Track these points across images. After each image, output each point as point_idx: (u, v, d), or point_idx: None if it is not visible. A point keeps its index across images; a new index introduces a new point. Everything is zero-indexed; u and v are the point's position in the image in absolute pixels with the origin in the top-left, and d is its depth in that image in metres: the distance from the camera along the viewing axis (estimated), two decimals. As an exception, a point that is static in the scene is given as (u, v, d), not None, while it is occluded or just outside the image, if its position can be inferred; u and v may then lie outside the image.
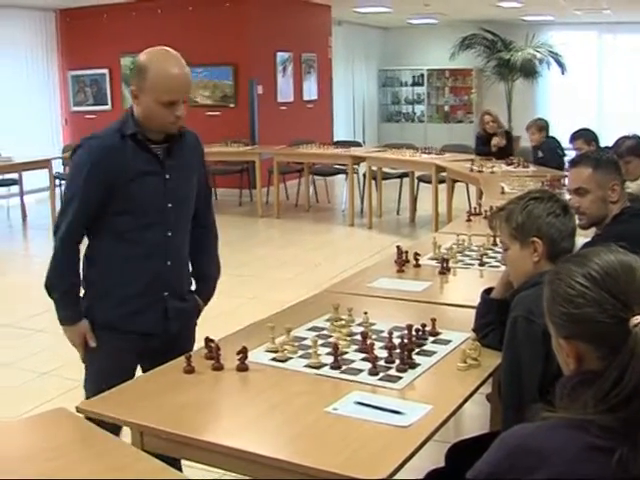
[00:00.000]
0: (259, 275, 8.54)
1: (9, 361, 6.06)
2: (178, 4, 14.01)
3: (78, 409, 2.62)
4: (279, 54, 14.60)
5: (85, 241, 3.24)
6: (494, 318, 3.04)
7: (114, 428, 2.58)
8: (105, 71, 15.07)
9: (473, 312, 3.20)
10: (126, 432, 2.64)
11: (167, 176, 3.16)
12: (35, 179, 12.54)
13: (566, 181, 5.33)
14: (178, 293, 3.34)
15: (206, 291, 3.58)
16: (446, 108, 21.99)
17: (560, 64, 19.15)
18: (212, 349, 2.98)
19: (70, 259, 3.16)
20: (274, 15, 14.14)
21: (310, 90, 15.92)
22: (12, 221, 12.49)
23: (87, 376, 3.30)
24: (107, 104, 15.14)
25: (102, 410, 2.59)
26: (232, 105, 13.98)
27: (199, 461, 2.55)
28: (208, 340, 3.04)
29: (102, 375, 3.11)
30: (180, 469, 2.86)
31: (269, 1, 14.04)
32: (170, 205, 3.18)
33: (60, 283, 3.14)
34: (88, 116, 15.26)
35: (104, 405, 2.64)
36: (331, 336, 3.22)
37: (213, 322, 3.85)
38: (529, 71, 19.17)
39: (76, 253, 3.17)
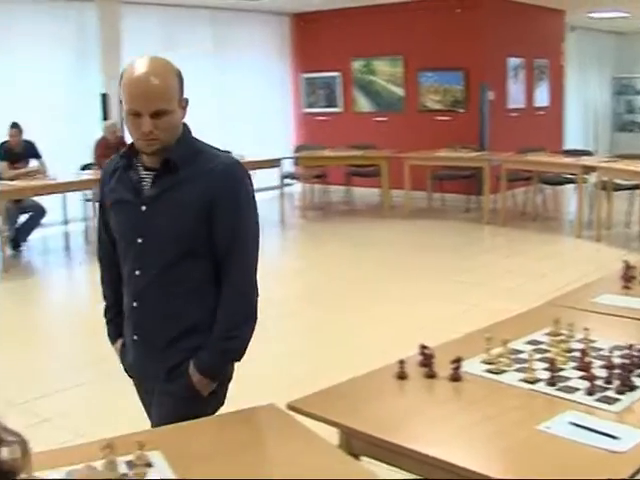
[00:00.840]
0: (482, 283, 8.42)
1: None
2: (408, 9, 14.06)
3: (289, 406, 2.66)
4: (511, 59, 14.37)
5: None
6: None
7: None
8: (337, 74, 15.33)
9: None
10: (331, 433, 2.65)
11: (143, 208, 2.74)
12: (266, 178, 12.91)
13: None
14: (150, 342, 2.84)
15: (201, 355, 2.77)
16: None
17: None
18: (426, 356, 2.95)
19: (104, 276, 3.04)
20: (506, 20, 13.93)
21: (541, 97, 15.58)
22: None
23: None
24: (338, 106, 15.39)
25: (312, 409, 2.62)
26: (462, 110, 13.88)
27: (404, 468, 2.53)
28: (423, 347, 3.01)
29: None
30: None
31: (501, 6, 13.84)
32: (140, 241, 2.75)
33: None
34: (319, 118, 15.59)
35: (315, 404, 2.67)
36: (549, 351, 3.11)
37: (430, 328, 3.82)
38: None
39: (109, 269, 2.99)
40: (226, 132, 14.10)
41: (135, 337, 2.86)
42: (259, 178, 12.64)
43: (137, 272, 2.78)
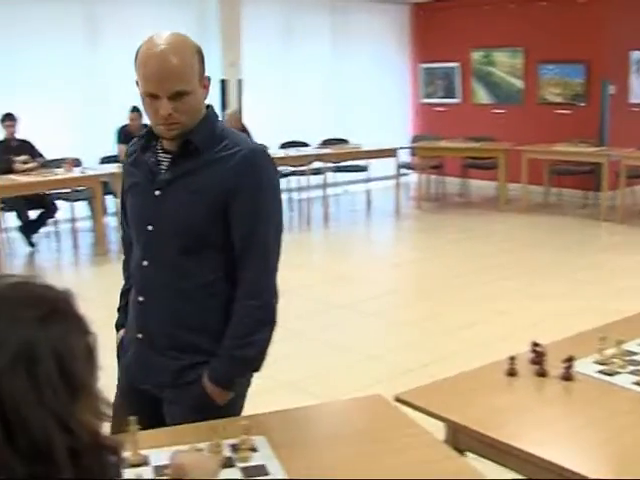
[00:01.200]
0: (597, 281, 8.23)
1: (337, 342, 6.28)
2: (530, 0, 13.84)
3: (396, 398, 2.66)
4: (634, 53, 13.97)
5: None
6: None
7: None
8: (456, 65, 15.17)
9: None
10: (437, 427, 2.63)
11: (157, 192, 2.54)
12: (382, 167, 12.92)
13: None
14: (155, 342, 2.60)
15: (214, 363, 2.51)
16: None
17: None
18: (538, 354, 2.91)
19: (126, 259, 2.83)
20: (630, 13, 13.52)
21: (665, 91, 15.13)
22: (357, 206, 12.95)
23: None
24: (456, 97, 15.24)
25: (419, 402, 2.61)
26: (582, 104, 13.57)
27: (509, 467, 2.49)
28: (535, 344, 2.97)
29: None
30: None
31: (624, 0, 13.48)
32: (150, 228, 2.55)
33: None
34: (437, 108, 15.47)
35: (422, 397, 2.66)
36: (665, 354, 3.04)
37: (543, 325, 3.75)
38: None
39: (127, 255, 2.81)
40: (342, 121, 14.16)
41: (139, 335, 2.61)
42: (375, 167, 12.72)
43: (145, 262, 2.57)
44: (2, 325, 1.13)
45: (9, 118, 10.19)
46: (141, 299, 2.59)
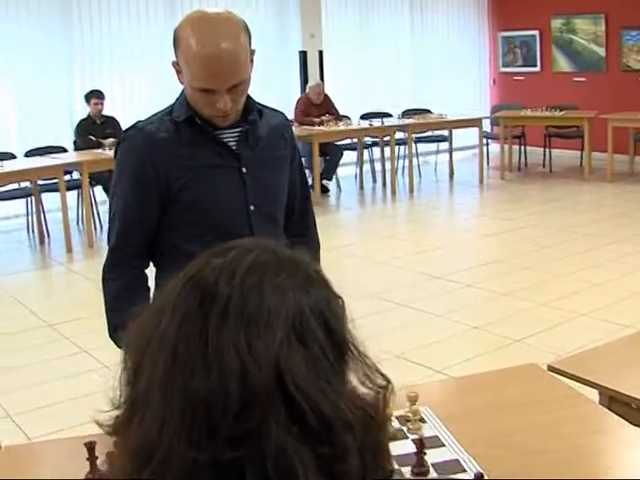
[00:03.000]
0: None
1: (440, 312, 6.26)
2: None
3: (550, 367, 2.64)
4: None
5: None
6: None
7: None
8: (535, 32, 14.91)
9: None
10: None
11: (243, 169, 2.44)
12: (464, 137, 12.82)
13: None
14: None
15: None
16: None
17: None
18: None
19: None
20: None
21: None
22: (439, 176, 12.87)
23: None
24: (536, 66, 15.00)
25: (574, 371, 2.59)
26: (666, 71, 13.30)
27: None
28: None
29: None
30: None
31: None
32: (252, 208, 2.45)
33: None
34: (516, 77, 15.25)
35: (575, 366, 2.64)
36: None
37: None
38: None
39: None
40: (422, 91, 14.06)
41: None
42: (457, 137, 12.63)
43: None
44: (267, 296, 1.05)
45: (96, 95, 10.19)
46: None
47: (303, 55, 12.81)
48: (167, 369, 1.03)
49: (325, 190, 11.65)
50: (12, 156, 9.93)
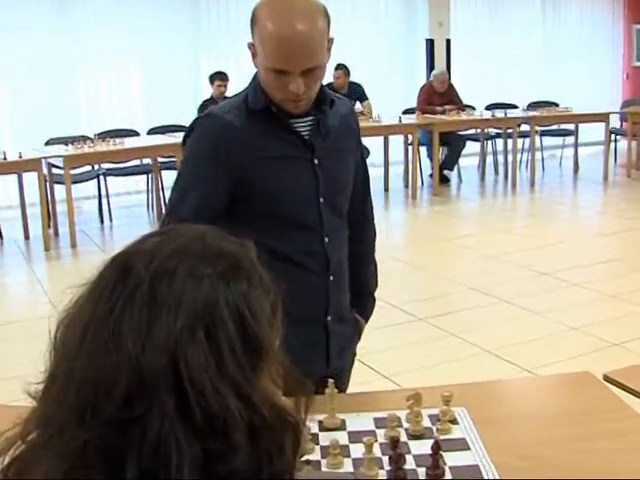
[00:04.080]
0: None
1: (540, 310, 6.10)
2: None
3: (605, 377, 2.52)
4: None
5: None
6: None
7: None
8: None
9: None
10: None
11: (315, 161, 2.37)
12: (591, 132, 12.46)
13: None
14: (345, 316, 2.55)
15: (366, 305, 2.72)
16: None
17: None
18: None
19: None
20: None
21: None
22: (563, 171, 12.54)
23: None
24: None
25: (630, 382, 2.47)
26: None
27: None
28: None
29: None
30: None
31: None
32: (322, 200, 2.39)
33: None
34: (651, 72, 14.76)
35: (633, 377, 2.52)
36: None
37: None
38: None
39: None
40: (550, 84, 13.71)
41: (329, 317, 2.46)
42: (582, 132, 12.27)
43: (326, 239, 2.40)
44: (179, 282, 1.01)
45: (220, 77, 10.28)
46: (332, 278, 2.43)
47: (430, 43, 12.69)
48: (75, 347, 1.02)
49: (446, 180, 11.55)
50: (136, 133, 10.23)
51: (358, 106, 10.79)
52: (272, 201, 2.33)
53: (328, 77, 9.75)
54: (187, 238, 1.10)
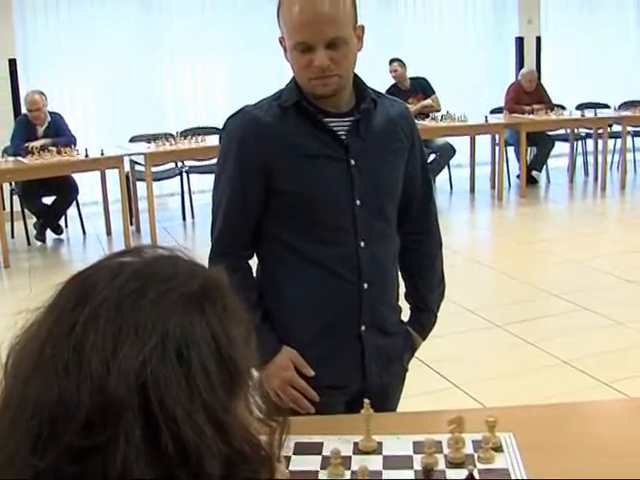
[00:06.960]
0: None
1: (621, 320, 5.80)
2: None
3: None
4: None
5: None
6: None
7: None
8: None
9: None
10: None
11: (352, 162, 2.26)
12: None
13: None
14: (386, 327, 2.40)
15: (424, 322, 2.55)
16: None
17: None
18: None
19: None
20: None
21: None
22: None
23: None
24: None
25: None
26: None
27: None
28: None
29: None
30: None
31: None
32: (358, 203, 2.27)
33: None
34: None
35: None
36: None
37: None
38: None
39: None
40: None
41: (362, 327, 2.33)
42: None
43: (362, 244, 2.29)
44: (149, 304, 0.94)
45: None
46: (366, 286, 2.30)
47: (519, 41, 12.42)
48: (29, 369, 0.94)
49: (534, 181, 11.26)
50: (218, 131, 10.20)
51: (427, 100, 10.55)
52: (300, 201, 2.26)
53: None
54: (156, 257, 1.03)
